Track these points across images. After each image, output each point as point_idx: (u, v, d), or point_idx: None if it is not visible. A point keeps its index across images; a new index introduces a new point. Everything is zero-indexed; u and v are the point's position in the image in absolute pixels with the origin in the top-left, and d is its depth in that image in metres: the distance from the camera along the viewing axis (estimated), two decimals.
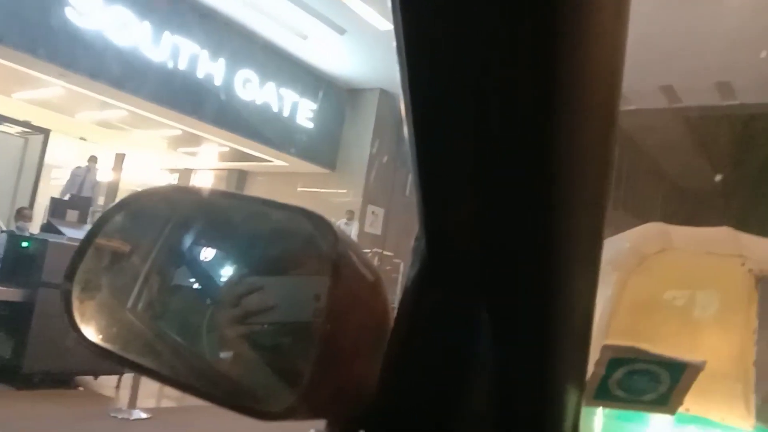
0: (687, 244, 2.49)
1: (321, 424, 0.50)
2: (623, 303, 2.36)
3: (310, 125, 11.85)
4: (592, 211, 0.42)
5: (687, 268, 2.40)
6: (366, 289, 0.47)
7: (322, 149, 12.11)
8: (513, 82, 0.35)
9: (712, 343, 2.25)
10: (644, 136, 12.94)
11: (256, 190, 12.84)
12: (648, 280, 2.39)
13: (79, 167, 9.94)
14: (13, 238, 5.97)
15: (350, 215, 11.13)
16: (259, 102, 10.82)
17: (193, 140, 11.66)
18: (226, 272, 0.56)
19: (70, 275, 0.50)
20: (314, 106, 11.86)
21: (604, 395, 0.67)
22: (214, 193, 0.69)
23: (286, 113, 11.34)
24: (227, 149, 11.98)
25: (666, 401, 0.64)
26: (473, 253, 0.43)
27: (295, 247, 0.52)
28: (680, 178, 15.47)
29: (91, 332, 0.50)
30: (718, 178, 13.48)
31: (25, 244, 5.83)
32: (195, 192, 0.61)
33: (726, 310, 2.28)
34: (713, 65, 9.61)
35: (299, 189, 12.32)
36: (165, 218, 0.55)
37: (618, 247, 2.59)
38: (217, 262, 0.57)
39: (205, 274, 0.56)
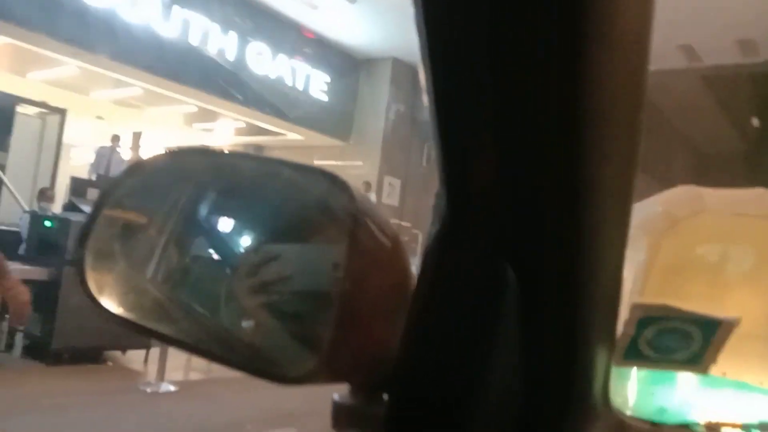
0: (720, 206, 2.45)
1: (343, 388, 0.49)
2: (656, 267, 2.33)
3: (324, 97, 11.78)
4: (621, 164, 0.41)
5: (720, 229, 2.36)
6: (385, 249, 0.45)
7: (337, 121, 12.06)
8: (535, 35, 0.34)
9: (747, 303, 2.21)
10: (664, 98, 12.68)
11: None
12: (681, 243, 2.35)
13: (103, 147, 10.02)
14: (36, 218, 6.06)
15: (367, 187, 11.12)
16: (272, 75, 10.77)
17: (208, 116, 11.68)
18: (245, 240, 0.55)
19: (82, 242, 0.49)
20: (327, 77, 11.78)
21: (634, 355, 0.66)
22: (229, 154, 0.68)
23: (299, 86, 11.28)
24: (243, 124, 11.99)
25: (699, 360, 0.62)
26: (497, 209, 0.41)
27: (313, 213, 0.51)
28: (702, 139, 15.19)
29: (107, 300, 0.50)
30: (756, 123, 13.07)
31: (48, 223, 5.92)
32: (209, 153, 0.60)
33: (761, 270, 2.24)
34: (734, 22, 9.34)
35: (315, 162, 12.31)
36: (180, 182, 0.54)
37: (649, 211, 2.54)
38: (235, 230, 0.56)
39: (223, 243, 0.56)
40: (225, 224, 0.56)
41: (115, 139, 10.06)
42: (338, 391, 0.50)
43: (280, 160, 0.51)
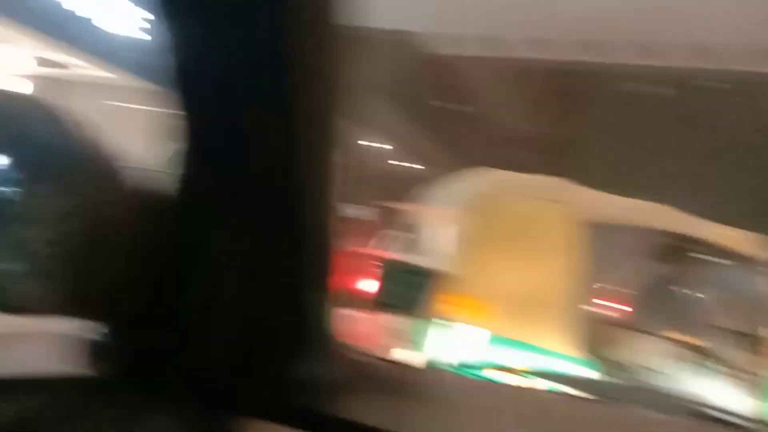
0: (525, 189, 2.80)
1: (85, 324, 0.52)
2: (463, 240, 2.62)
3: (143, 36, 10.92)
4: (322, 134, 0.51)
5: (522, 211, 2.71)
6: (113, 188, 0.48)
7: (158, 64, 11.22)
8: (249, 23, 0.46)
9: (544, 279, 2.58)
10: (470, 84, 13.63)
11: (78, 101, 11.66)
12: (486, 220, 2.66)
13: None
14: None
15: None
16: (84, 6, 9.72)
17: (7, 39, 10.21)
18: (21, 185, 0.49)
19: None
20: (148, 15, 10.90)
21: (383, 304, 0.83)
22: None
23: (113, 21, 10.33)
24: (46, 55, 10.68)
25: (422, 306, 0.81)
26: (224, 160, 0.51)
27: (64, 158, 0.49)
28: (505, 126, 16.50)
29: None
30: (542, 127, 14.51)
31: None
32: None
33: (556, 250, 2.62)
34: (535, 19, 10.33)
35: (126, 105, 11.40)
36: None
37: (459, 188, 2.84)
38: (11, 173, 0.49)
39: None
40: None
41: None
42: (78, 326, 0.52)
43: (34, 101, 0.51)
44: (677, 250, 3.26)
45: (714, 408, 1.07)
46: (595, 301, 3.01)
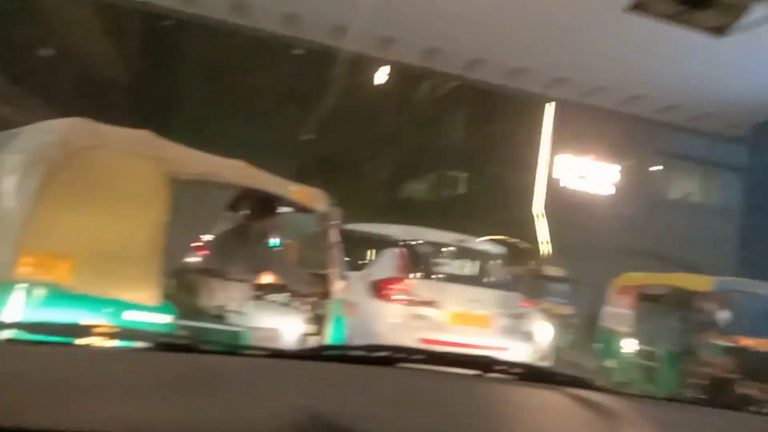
0: (113, 142, 2.65)
1: None
2: (49, 195, 2.35)
3: None
4: None
5: (113, 165, 2.57)
6: None
7: None
8: None
9: (129, 234, 2.51)
10: (51, 19, 12.21)
11: None
12: (76, 174, 2.44)
13: None
14: None
15: None
16: None
17: None
18: None
19: None
20: None
21: None
22: None
23: None
24: None
25: None
26: None
27: None
28: (96, 68, 15.26)
29: None
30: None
31: None
32: None
33: (142, 205, 2.56)
34: None
35: None
36: None
37: (45, 139, 2.53)
38: None
39: None
40: None
41: None
42: None
43: None
44: (254, 202, 3.63)
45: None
46: (180, 252, 3.14)
